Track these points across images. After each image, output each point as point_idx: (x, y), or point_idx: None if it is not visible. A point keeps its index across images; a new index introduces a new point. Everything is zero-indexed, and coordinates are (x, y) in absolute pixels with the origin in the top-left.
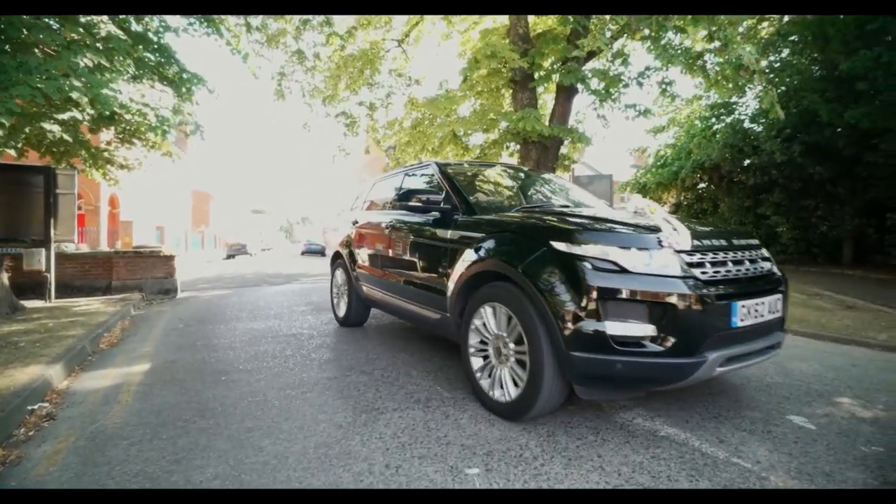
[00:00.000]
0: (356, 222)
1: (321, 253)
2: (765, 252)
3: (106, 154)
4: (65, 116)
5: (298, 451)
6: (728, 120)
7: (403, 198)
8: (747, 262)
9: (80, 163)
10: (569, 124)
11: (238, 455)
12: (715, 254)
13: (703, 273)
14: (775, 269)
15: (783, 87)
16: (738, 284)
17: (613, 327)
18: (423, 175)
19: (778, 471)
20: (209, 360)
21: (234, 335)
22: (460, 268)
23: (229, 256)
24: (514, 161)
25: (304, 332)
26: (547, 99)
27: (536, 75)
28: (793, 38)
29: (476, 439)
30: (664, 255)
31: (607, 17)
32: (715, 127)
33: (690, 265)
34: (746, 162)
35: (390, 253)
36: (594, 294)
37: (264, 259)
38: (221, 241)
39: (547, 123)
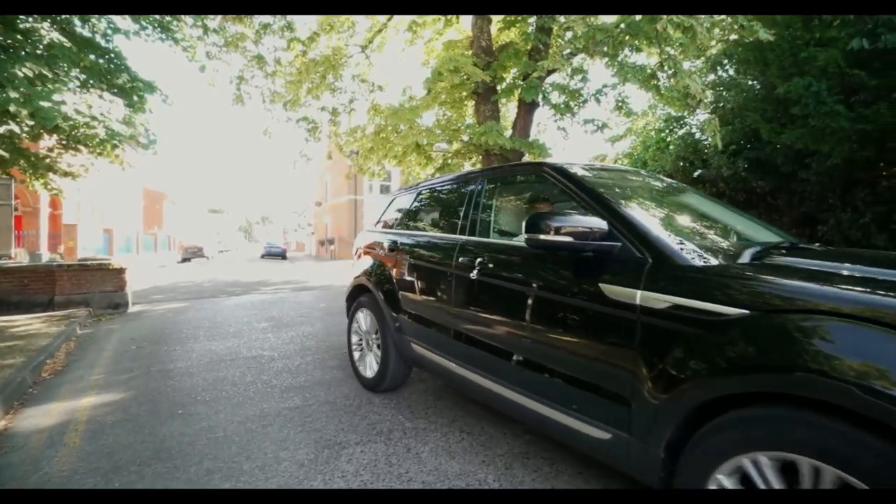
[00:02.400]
0: (396, 245)
1: (282, 256)
2: None
3: (48, 161)
4: (1, 130)
5: None
6: (680, 133)
7: (531, 227)
8: None
9: (18, 172)
10: (530, 135)
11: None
12: None
13: None
14: None
15: (730, 104)
16: None
17: None
18: (524, 183)
19: None
20: (165, 390)
21: (192, 358)
22: (686, 367)
23: (184, 260)
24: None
25: (265, 355)
26: (510, 107)
27: (499, 88)
28: (737, 56)
29: (436, 475)
30: None
31: (568, 35)
32: (668, 139)
33: None
34: (697, 174)
35: (482, 305)
36: None
37: (222, 263)
38: (176, 244)
39: (509, 135)
